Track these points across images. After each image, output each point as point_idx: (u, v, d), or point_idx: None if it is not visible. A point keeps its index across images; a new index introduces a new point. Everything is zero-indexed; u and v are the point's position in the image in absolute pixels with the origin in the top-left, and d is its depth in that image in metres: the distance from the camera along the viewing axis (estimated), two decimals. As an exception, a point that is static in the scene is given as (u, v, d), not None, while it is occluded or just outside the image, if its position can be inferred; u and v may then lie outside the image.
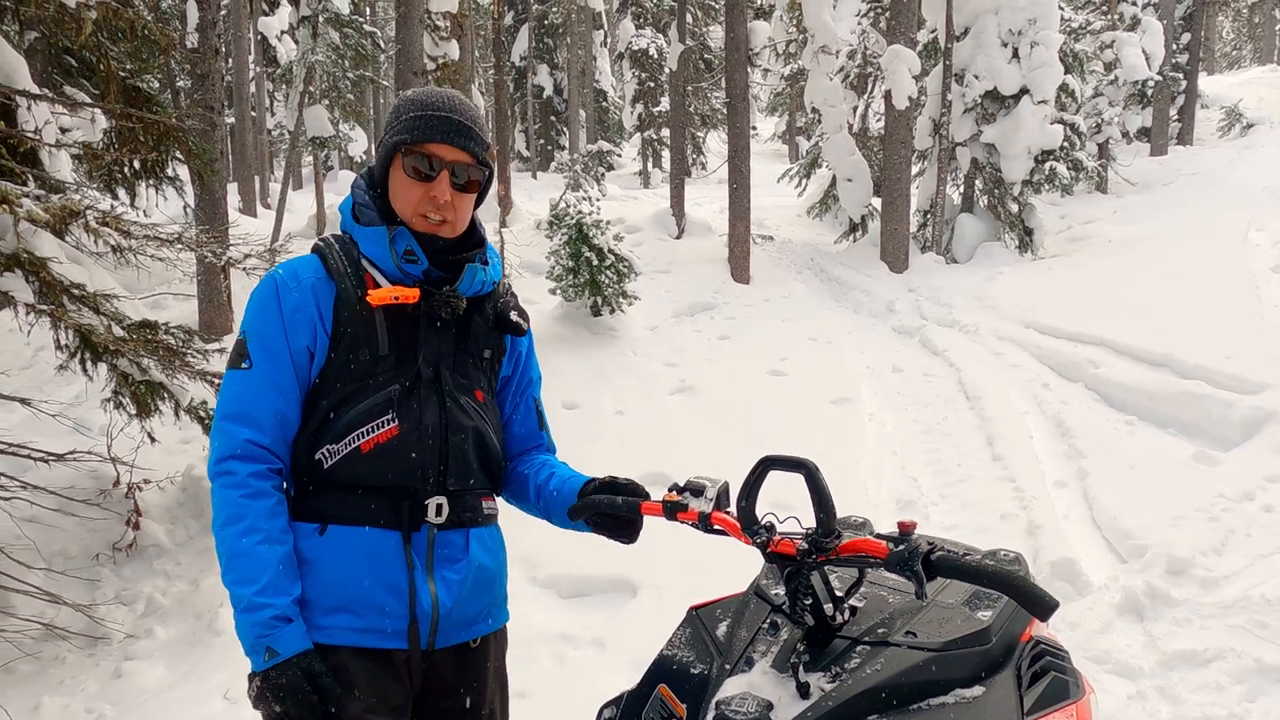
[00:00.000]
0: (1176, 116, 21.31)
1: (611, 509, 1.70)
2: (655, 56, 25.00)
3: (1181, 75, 20.93)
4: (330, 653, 1.55)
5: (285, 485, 1.62)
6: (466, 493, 1.68)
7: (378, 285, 1.62)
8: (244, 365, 1.58)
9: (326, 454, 1.59)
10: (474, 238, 1.75)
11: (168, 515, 5.07)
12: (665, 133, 25.01)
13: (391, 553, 1.59)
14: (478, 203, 1.73)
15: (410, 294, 1.60)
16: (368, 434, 1.59)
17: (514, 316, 1.76)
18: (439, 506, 1.63)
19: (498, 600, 1.78)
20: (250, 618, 1.47)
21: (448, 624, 1.64)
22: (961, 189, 13.31)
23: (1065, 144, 12.71)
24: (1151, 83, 18.18)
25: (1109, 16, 18.77)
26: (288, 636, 1.48)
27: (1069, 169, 13.00)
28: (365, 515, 1.59)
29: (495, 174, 1.75)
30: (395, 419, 1.60)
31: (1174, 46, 20.50)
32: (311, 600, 1.56)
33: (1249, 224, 10.55)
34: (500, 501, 1.85)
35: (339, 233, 1.73)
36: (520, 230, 13.37)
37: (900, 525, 1.39)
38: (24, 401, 4.69)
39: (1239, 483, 4.69)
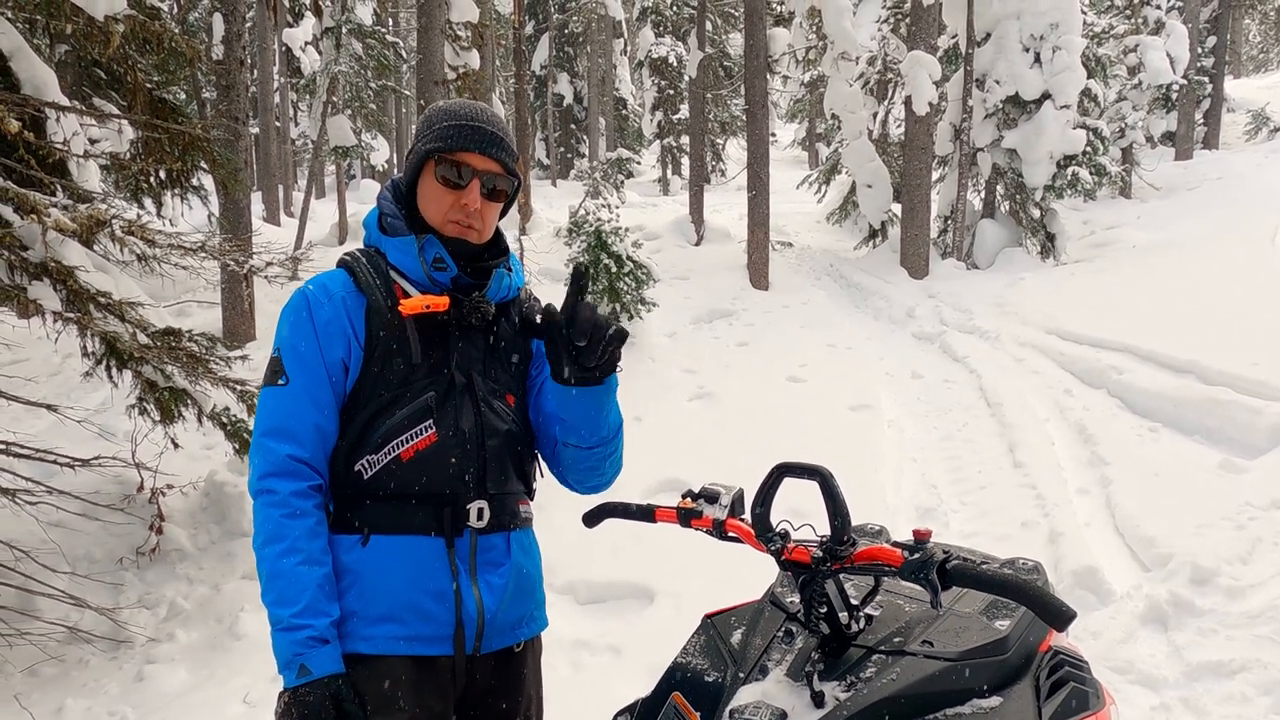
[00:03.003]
0: (1202, 120, 21.06)
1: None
2: (675, 64, 25.07)
3: (1207, 79, 20.70)
4: (376, 662, 1.56)
5: (326, 502, 1.62)
6: (505, 496, 1.69)
7: (407, 295, 1.63)
8: (280, 382, 1.58)
9: (366, 465, 1.60)
10: (498, 246, 1.77)
11: (190, 520, 5.12)
12: (685, 140, 25.07)
13: (435, 559, 1.60)
14: (503, 213, 1.75)
15: (441, 302, 1.61)
16: (407, 442, 1.59)
17: (539, 320, 1.77)
18: (480, 510, 1.64)
19: (538, 604, 1.79)
20: (288, 637, 1.49)
21: (492, 629, 1.65)
22: (982, 195, 13.24)
23: (1088, 149, 12.62)
24: (1176, 86, 17.99)
25: (1132, 20, 18.62)
26: (322, 657, 1.49)
27: (1092, 174, 12.91)
28: (407, 523, 1.60)
29: (522, 184, 1.76)
30: (433, 426, 1.61)
31: (1199, 50, 20.27)
32: (356, 611, 1.57)
33: (1276, 228, 10.40)
34: (534, 506, 1.83)
35: (365, 247, 1.74)
36: (540, 237, 13.43)
37: (916, 533, 1.39)
38: (51, 408, 4.75)
39: (1266, 491, 4.61)
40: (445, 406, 1.63)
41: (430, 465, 1.60)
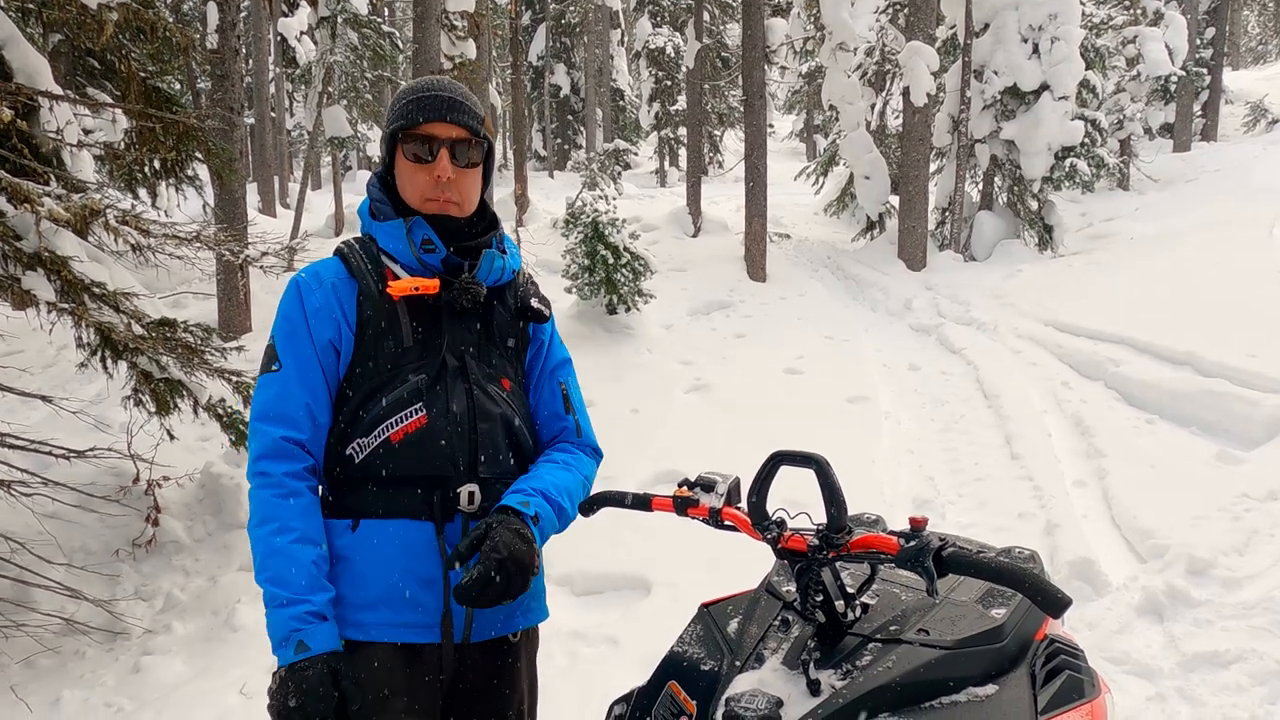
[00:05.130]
0: (1200, 112, 21.05)
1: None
2: (672, 55, 24.99)
3: (1205, 70, 20.67)
4: (365, 648, 1.56)
5: (320, 484, 1.63)
6: (499, 481, 1.68)
7: (398, 278, 1.63)
8: (274, 368, 1.61)
9: (357, 448, 1.60)
10: (485, 219, 1.76)
11: (186, 512, 5.11)
12: (682, 131, 25.00)
13: (424, 544, 1.59)
14: (485, 183, 1.74)
15: (430, 284, 1.61)
16: (397, 424, 1.59)
17: (535, 303, 1.77)
18: (471, 494, 1.62)
19: (535, 593, 1.76)
20: (285, 613, 1.48)
21: (483, 617, 1.64)
22: (980, 186, 13.22)
23: (1086, 140, 12.60)
24: (1175, 78, 17.97)
25: (1131, 11, 18.57)
26: (321, 634, 1.48)
27: (1090, 165, 12.88)
28: (397, 507, 1.59)
29: (494, 149, 1.76)
30: (423, 408, 1.60)
31: (1198, 41, 20.26)
32: (346, 597, 1.56)
33: (1274, 220, 10.41)
34: None
35: (360, 235, 1.75)
36: (536, 229, 13.41)
37: (911, 521, 1.38)
38: (46, 399, 4.74)
39: (1262, 482, 4.62)
40: (436, 388, 1.62)
41: (420, 447, 1.60)
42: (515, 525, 1.53)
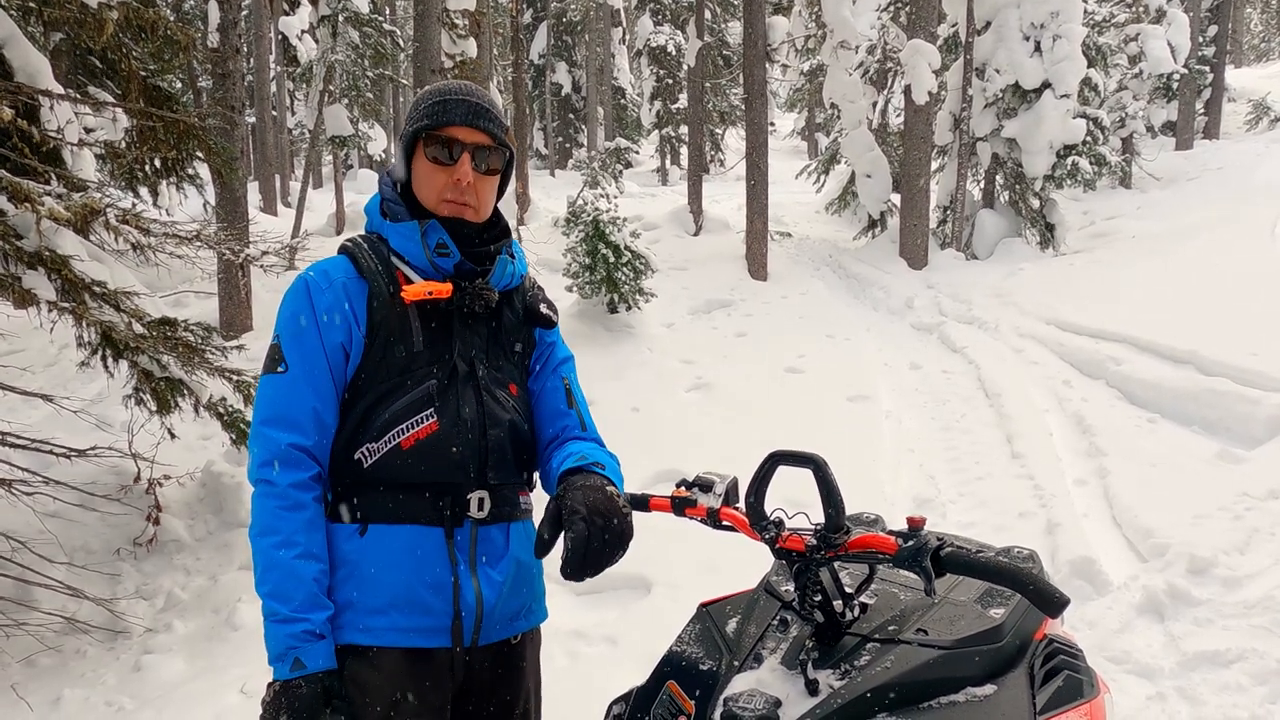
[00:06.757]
0: (1203, 110, 21.02)
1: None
2: (673, 53, 24.99)
3: (1208, 68, 20.65)
4: (374, 653, 1.55)
5: (325, 491, 1.61)
6: (505, 487, 1.67)
7: (409, 281, 1.61)
8: (279, 369, 1.57)
9: (366, 453, 1.58)
10: (497, 226, 1.75)
11: (187, 511, 5.12)
12: (683, 130, 25.00)
13: (434, 550, 1.58)
14: (500, 192, 1.74)
15: (444, 289, 1.60)
16: (408, 430, 1.57)
17: (543, 309, 1.76)
18: (481, 501, 1.62)
19: (537, 596, 1.77)
20: (283, 629, 1.48)
21: (490, 621, 1.63)
22: (982, 184, 13.21)
23: (1088, 138, 12.57)
24: (1177, 76, 17.93)
25: (1133, 9, 18.54)
26: (316, 652, 1.48)
27: (1092, 164, 12.86)
28: (407, 513, 1.58)
29: (515, 159, 1.74)
30: (435, 414, 1.59)
31: (1200, 39, 20.22)
32: (355, 602, 1.55)
33: (1276, 219, 10.39)
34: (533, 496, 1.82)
35: (366, 233, 1.72)
36: (538, 228, 13.41)
37: (909, 521, 1.38)
38: (47, 398, 4.75)
39: (1263, 481, 4.61)
40: (447, 395, 1.61)
41: (431, 454, 1.58)
42: (579, 481, 1.48)
